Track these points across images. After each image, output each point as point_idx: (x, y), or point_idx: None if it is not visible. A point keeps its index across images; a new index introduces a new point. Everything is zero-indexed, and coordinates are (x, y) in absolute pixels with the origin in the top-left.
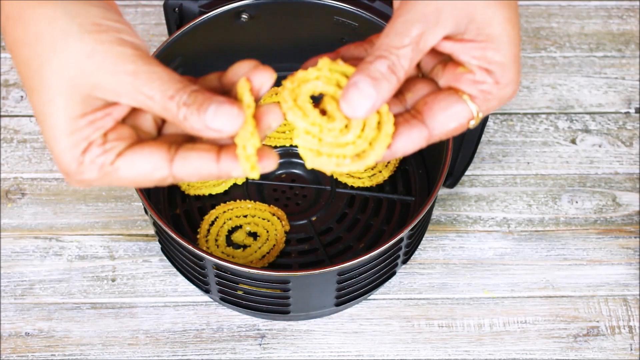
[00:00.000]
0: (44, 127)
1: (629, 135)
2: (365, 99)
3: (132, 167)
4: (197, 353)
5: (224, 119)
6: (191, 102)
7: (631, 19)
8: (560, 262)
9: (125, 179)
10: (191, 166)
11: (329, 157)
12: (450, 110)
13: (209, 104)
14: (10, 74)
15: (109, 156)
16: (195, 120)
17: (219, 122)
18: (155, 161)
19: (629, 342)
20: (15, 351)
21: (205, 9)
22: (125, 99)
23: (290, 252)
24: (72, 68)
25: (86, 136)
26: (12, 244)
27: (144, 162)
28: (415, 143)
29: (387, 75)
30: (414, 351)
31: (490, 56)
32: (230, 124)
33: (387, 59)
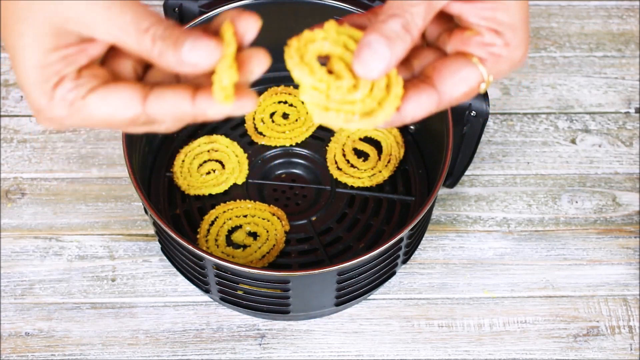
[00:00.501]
0: (15, 62)
1: (629, 135)
2: (380, 59)
3: (103, 102)
4: (197, 353)
5: (201, 52)
6: (167, 36)
7: (631, 19)
8: (560, 262)
9: (96, 116)
10: (165, 104)
11: (337, 113)
12: (460, 74)
13: (185, 38)
14: (10, 73)
15: (80, 91)
16: (170, 54)
17: (195, 55)
18: (127, 97)
19: (629, 342)
20: (15, 351)
21: (205, 9)
22: (99, 32)
23: (290, 252)
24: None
25: (57, 70)
26: (12, 244)
27: (116, 98)
28: (424, 107)
29: (401, 34)
30: (414, 351)
31: (500, 17)
32: (207, 57)
33: (402, 17)
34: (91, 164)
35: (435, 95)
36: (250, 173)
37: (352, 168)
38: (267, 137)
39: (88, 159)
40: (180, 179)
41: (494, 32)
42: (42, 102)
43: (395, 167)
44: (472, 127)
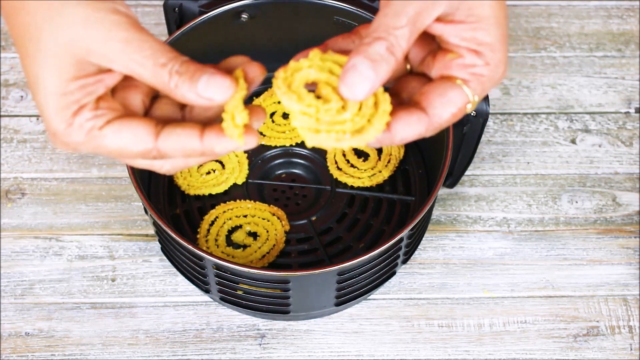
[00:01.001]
0: (35, 89)
1: (629, 135)
2: (365, 81)
3: (118, 135)
4: (197, 353)
5: (216, 88)
6: (183, 71)
7: (631, 19)
8: (560, 262)
9: (110, 146)
10: (176, 141)
11: (328, 134)
12: (447, 97)
13: (201, 74)
14: (10, 74)
15: (98, 121)
16: (186, 88)
17: (211, 91)
18: (141, 133)
19: (629, 342)
20: (15, 351)
21: (205, 9)
22: (117, 65)
23: (290, 252)
24: (68, 33)
25: (77, 99)
26: (12, 244)
27: (130, 133)
28: (414, 129)
29: (385, 56)
30: (414, 351)
31: (479, 37)
32: (222, 93)
33: (386, 40)
34: (91, 164)
35: (425, 118)
36: (250, 173)
37: (352, 168)
38: (267, 137)
39: (88, 159)
40: (180, 179)
41: (474, 53)
42: (60, 127)
43: (395, 167)
44: (472, 127)
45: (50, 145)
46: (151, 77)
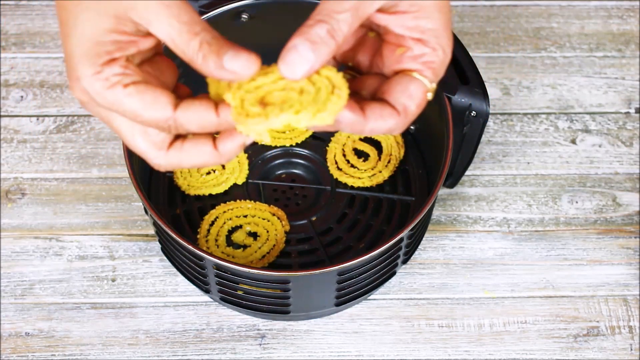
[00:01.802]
0: (69, 32)
1: (629, 135)
2: (304, 61)
3: (140, 97)
4: (197, 353)
5: (242, 62)
6: (213, 43)
7: (631, 19)
8: (560, 262)
9: (128, 106)
10: (194, 112)
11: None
12: (409, 91)
13: (228, 48)
14: (10, 74)
15: (125, 79)
16: (214, 59)
17: (236, 64)
18: (162, 100)
19: (629, 342)
20: (15, 351)
21: (205, 9)
22: (154, 27)
23: (290, 252)
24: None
25: (109, 51)
26: (12, 244)
27: (152, 97)
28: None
29: (326, 39)
30: (414, 351)
31: (423, 25)
32: (246, 67)
33: (327, 23)
34: (91, 164)
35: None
36: (250, 173)
37: (352, 168)
38: None
39: (88, 159)
40: (180, 179)
41: (419, 42)
42: (87, 72)
43: (395, 167)
44: (472, 127)
45: (50, 145)
46: (183, 43)
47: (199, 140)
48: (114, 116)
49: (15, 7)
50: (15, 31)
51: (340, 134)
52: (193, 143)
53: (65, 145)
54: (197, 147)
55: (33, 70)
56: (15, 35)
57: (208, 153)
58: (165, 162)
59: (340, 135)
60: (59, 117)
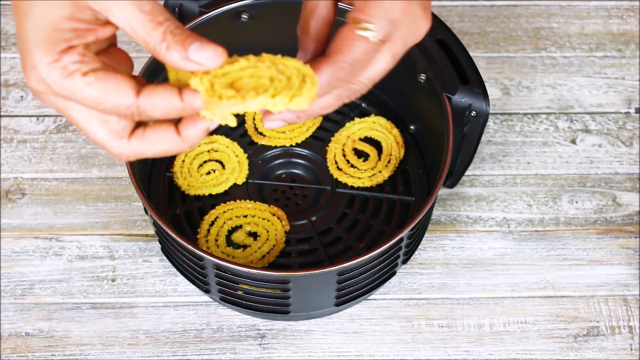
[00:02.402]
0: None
1: (629, 135)
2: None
3: (100, 84)
4: (197, 353)
5: (208, 54)
6: (178, 33)
7: (631, 19)
8: (560, 262)
9: (88, 94)
10: (157, 98)
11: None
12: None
13: (193, 39)
14: (10, 74)
15: (83, 67)
16: (178, 49)
17: (202, 55)
18: (124, 87)
19: (629, 342)
20: (15, 351)
21: (205, 9)
22: (114, 15)
23: (290, 252)
24: None
25: (67, 38)
26: (12, 244)
27: (114, 84)
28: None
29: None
30: (414, 351)
31: None
32: (213, 59)
33: None
34: (91, 164)
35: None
36: (250, 173)
37: (352, 168)
38: (267, 137)
39: (88, 159)
40: (180, 179)
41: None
42: (44, 61)
43: (395, 167)
44: (472, 127)
45: (50, 145)
46: (144, 33)
47: (161, 127)
48: (71, 106)
49: None
50: (15, 31)
51: (341, 133)
52: (155, 130)
53: (65, 145)
54: (159, 134)
55: None
56: (15, 35)
57: (171, 140)
58: (127, 151)
59: (341, 135)
60: (59, 117)
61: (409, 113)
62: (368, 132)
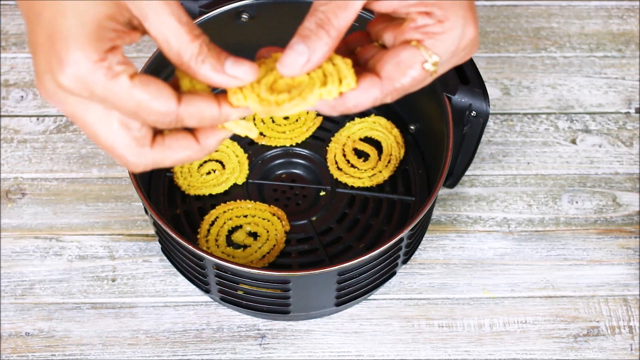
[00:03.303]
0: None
1: (629, 135)
2: (298, 55)
3: (146, 89)
4: (197, 353)
5: (245, 69)
6: (212, 48)
7: (631, 19)
8: (561, 262)
9: (136, 99)
10: (196, 107)
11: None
12: (399, 58)
13: (227, 55)
14: (10, 74)
15: (129, 69)
16: (213, 63)
17: (240, 70)
18: (167, 93)
19: (629, 342)
20: (15, 351)
21: (205, 9)
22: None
23: (290, 252)
24: None
25: (111, 38)
26: (12, 244)
27: (157, 90)
28: (367, 94)
29: (315, 30)
30: (414, 351)
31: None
32: (250, 74)
33: (314, 15)
34: (91, 164)
35: (378, 81)
36: (250, 173)
37: (352, 168)
38: (268, 137)
39: (88, 159)
40: (180, 179)
41: (424, 15)
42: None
43: (395, 167)
44: (472, 127)
45: (50, 145)
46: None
47: (179, 135)
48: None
49: (15, 7)
50: (15, 31)
51: (341, 133)
52: (174, 139)
53: (65, 145)
54: (180, 143)
55: (33, 70)
56: (15, 35)
57: (191, 148)
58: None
59: (341, 135)
60: (59, 117)
61: (409, 113)
62: (368, 132)
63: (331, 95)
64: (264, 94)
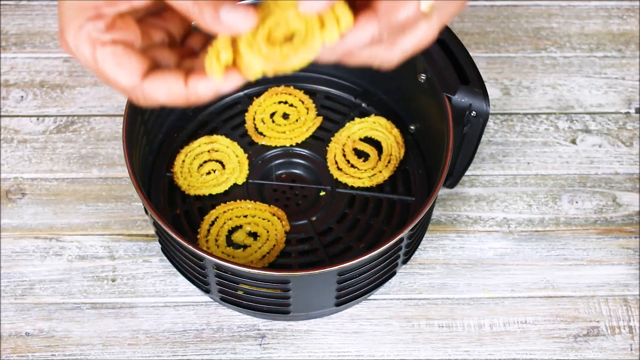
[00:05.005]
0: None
1: (629, 136)
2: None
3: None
4: (197, 353)
5: (239, 15)
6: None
7: (631, 19)
8: (561, 262)
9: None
10: (161, 83)
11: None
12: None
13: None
14: (10, 74)
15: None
16: (210, 11)
17: (233, 17)
18: (133, 67)
19: (629, 342)
20: (15, 351)
21: None
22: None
23: (290, 252)
24: None
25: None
26: (12, 244)
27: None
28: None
29: None
30: (414, 351)
31: None
32: (243, 20)
33: None
34: (91, 164)
35: (374, 16)
36: (250, 173)
37: (352, 168)
38: (268, 137)
39: (88, 159)
40: (180, 179)
41: None
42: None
43: (395, 167)
44: (472, 128)
45: (50, 145)
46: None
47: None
48: None
49: (15, 7)
50: (15, 31)
51: (341, 133)
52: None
53: (65, 145)
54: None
55: (33, 70)
56: (15, 35)
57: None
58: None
59: (341, 136)
60: (59, 117)
61: (409, 113)
62: (368, 132)
63: (333, 37)
64: (265, 50)
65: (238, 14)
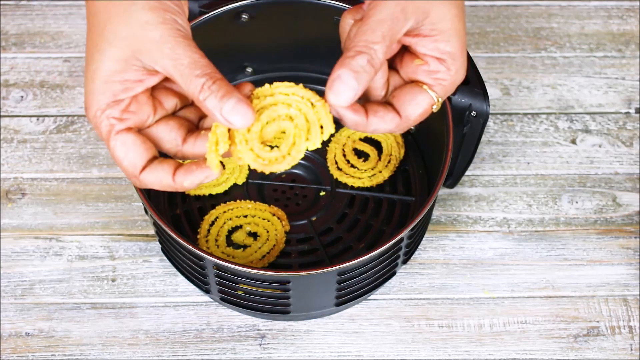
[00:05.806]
0: (88, 68)
1: (629, 136)
2: (349, 89)
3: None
4: (197, 353)
5: (239, 115)
6: (215, 89)
7: (631, 19)
8: (561, 262)
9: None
10: (155, 176)
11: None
12: (416, 100)
13: (229, 97)
14: (10, 74)
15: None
16: (214, 104)
17: (233, 116)
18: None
19: (629, 342)
20: (15, 351)
21: (205, 9)
22: (160, 66)
23: (290, 252)
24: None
25: (115, 92)
26: (12, 244)
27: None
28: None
29: (367, 68)
30: (414, 351)
31: (442, 47)
32: (242, 121)
33: (367, 53)
34: (91, 164)
35: (397, 118)
36: (250, 173)
37: (352, 168)
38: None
39: (88, 159)
40: None
41: (437, 60)
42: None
43: (395, 168)
44: (472, 128)
45: (50, 145)
46: (184, 84)
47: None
48: None
49: (15, 7)
50: (15, 31)
51: (341, 133)
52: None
53: (65, 145)
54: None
55: (33, 70)
56: (15, 35)
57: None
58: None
59: (341, 136)
60: (59, 117)
61: None
62: None
63: (315, 145)
64: (258, 150)
65: (239, 113)
